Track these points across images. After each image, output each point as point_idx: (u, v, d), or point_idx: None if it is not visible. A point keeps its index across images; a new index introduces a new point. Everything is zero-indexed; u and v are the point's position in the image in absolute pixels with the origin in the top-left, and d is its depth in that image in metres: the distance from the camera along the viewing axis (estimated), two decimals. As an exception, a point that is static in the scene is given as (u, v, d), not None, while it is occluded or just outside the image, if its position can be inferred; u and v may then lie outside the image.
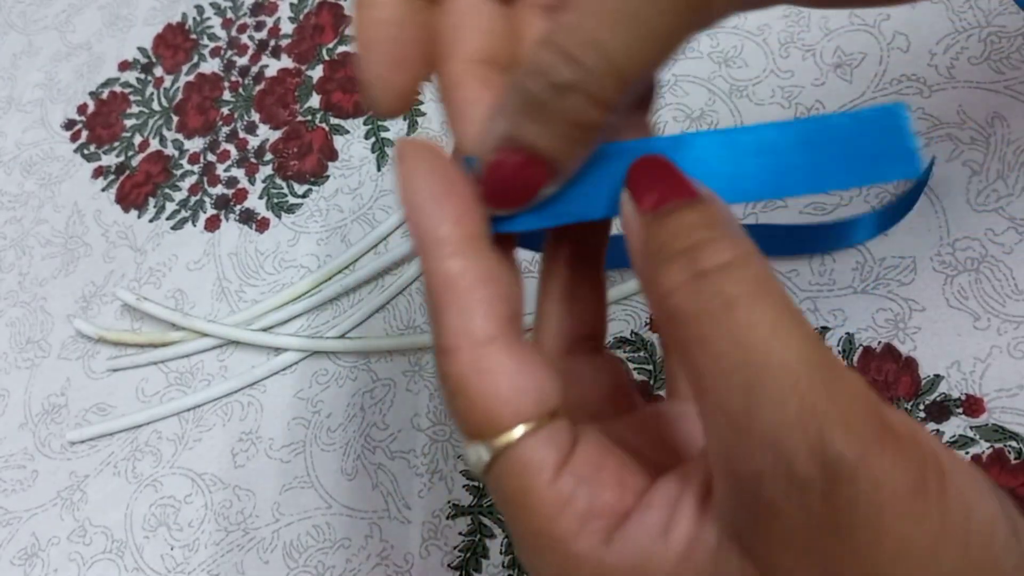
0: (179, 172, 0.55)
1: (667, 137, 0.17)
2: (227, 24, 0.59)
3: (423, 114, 0.50)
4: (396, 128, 0.50)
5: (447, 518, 0.40)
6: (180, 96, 0.58)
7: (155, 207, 0.55)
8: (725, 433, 0.14)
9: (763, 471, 0.13)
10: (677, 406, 0.20)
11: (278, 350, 0.46)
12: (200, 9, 0.60)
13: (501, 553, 0.39)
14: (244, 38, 0.58)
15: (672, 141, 0.17)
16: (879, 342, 0.36)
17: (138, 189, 0.56)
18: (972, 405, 0.34)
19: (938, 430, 0.34)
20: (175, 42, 0.60)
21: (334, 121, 0.52)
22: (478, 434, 0.16)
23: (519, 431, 0.16)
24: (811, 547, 0.13)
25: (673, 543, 0.15)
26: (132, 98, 0.60)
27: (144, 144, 0.58)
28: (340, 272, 0.47)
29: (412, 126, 0.50)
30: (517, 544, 0.17)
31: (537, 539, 0.16)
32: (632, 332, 0.40)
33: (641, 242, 0.16)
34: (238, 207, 0.52)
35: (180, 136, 0.57)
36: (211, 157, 0.55)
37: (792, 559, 0.14)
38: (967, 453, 0.33)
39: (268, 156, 0.53)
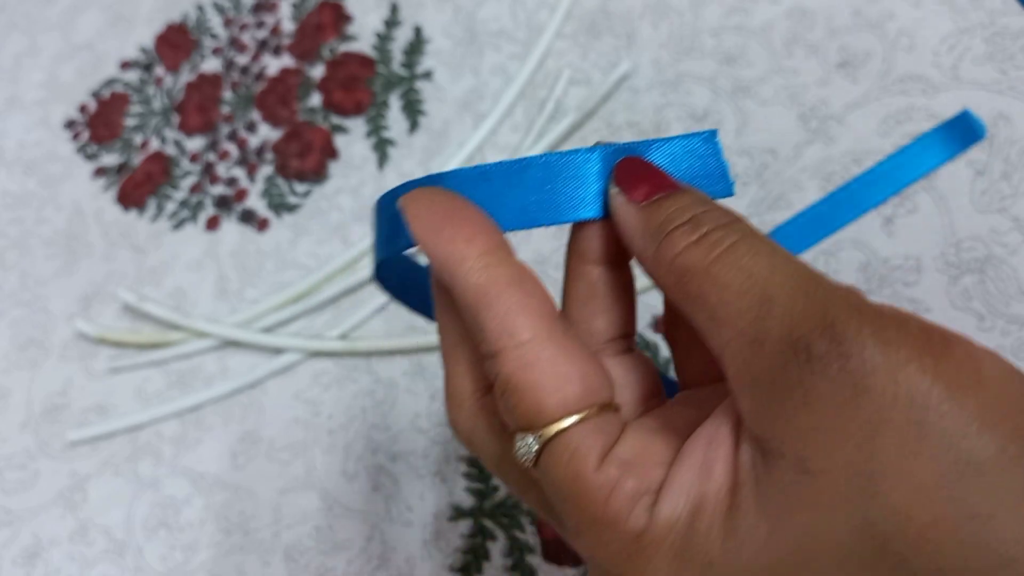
0: (180, 172, 0.55)
1: (523, 160, 0.19)
2: (228, 23, 0.59)
3: (424, 113, 0.49)
4: (397, 127, 0.50)
5: (448, 520, 0.40)
6: (181, 95, 0.58)
7: (156, 207, 0.55)
8: (744, 350, 0.15)
9: (785, 362, 0.15)
10: (696, 392, 0.21)
11: (279, 351, 0.46)
12: (201, 9, 0.60)
13: (502, 555, 0.39)
14: (245, 37, 0.58)
15: (526, 162, 0.19)
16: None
17: (139, 189, 0.56)
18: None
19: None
20: (176, 41, 0.60)
21: (335, 120, 0.52)
22: (527, 425, 0.17)
23: (567, 421, 0.17)
24: (837, 420, 0.14)
25: (716, 477, 0.16)
26: (133, 98, 0.60)
27: (145, 144, 0.57)
28: (341, 272, 0.47)
29: (414, 126, 0.49)
30: (572, 532, 0.17)
31: (593, 524, 0.17)
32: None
33: (639, 226, 0.18)
34: (239, 207, 0.52)
35: (181, 135, 0.56)
36: (212, 156, 0.55)
37: (823, 438, 0.14)
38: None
39: (269, 155, 0.53)
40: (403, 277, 0.24)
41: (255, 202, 0.52)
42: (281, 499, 0.43)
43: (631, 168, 0.19)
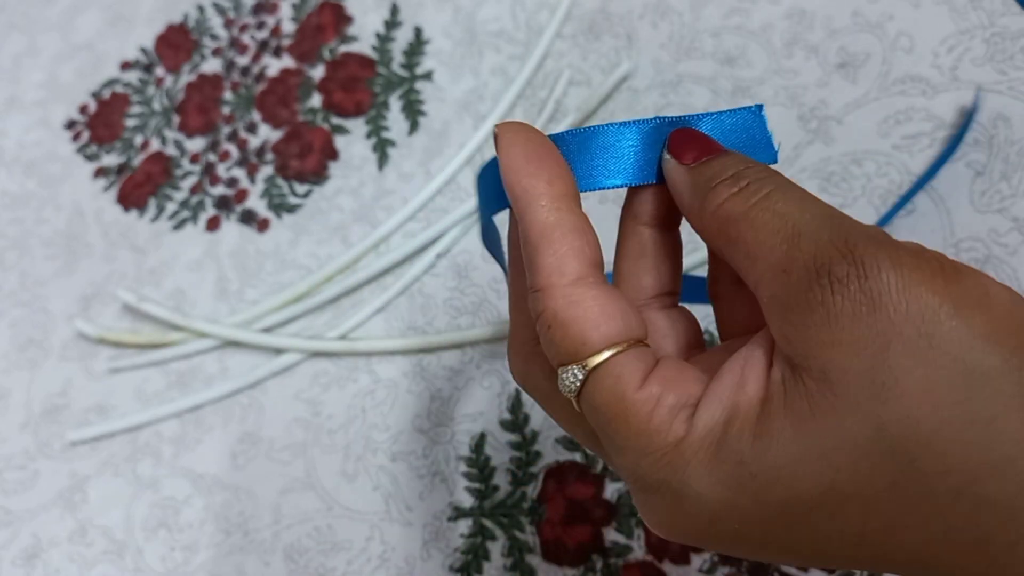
0: (180, 172, 0.55)
1: (590, 128, 0.22)
2: (228, 24, 0.59)
3: (424, 114, 0.49)
4: (397, 128, 0.50)
5: (448, 520, 0.40)
6: (181, 96, 0.58)
7: (156, 207, 0.55)
8: (776, 279, 0.17)
9: (811, 285, 0.16)
10: (733, 343, 0.22)
11: (279, 351, 0.46)
12: (201, 9, 0.60)
13: (502, 555, 0.39)
14: (245, 38, 0.58)
15: (593, 130, 0.22)
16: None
17: (139, 189, 0.56)
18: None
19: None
20: (176, 42, 0.60)
21: (335, 121, 0.52)
22: (572, 358, 0.19)
23: (608, 352, 0.18)
24: (855, 334, 0.16)
25: (749, 390, 0.18)
26: (133, 98, 0.60)
27: (145, 144, 0.57)
28: (341, 272, 0.47)
29: (414, 126, 0.49)
30: (617, 450, 0.19)
31: (638, 437, 0.18)
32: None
33: (688, 184, 0.20)
34: (239, 207, 0.52)
35: (181, 136, 0.56)
36: (212, 157, 0.55)
37: (842, 350, 0.16)
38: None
39: (269, 156, 0.53)
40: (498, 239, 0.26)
41: (255, 203, 0.52)
42: (281, 499, 0.43)
43: (682, 137, 0.21)
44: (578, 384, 0.19)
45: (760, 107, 0.22)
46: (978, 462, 0.15)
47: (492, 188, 0.22)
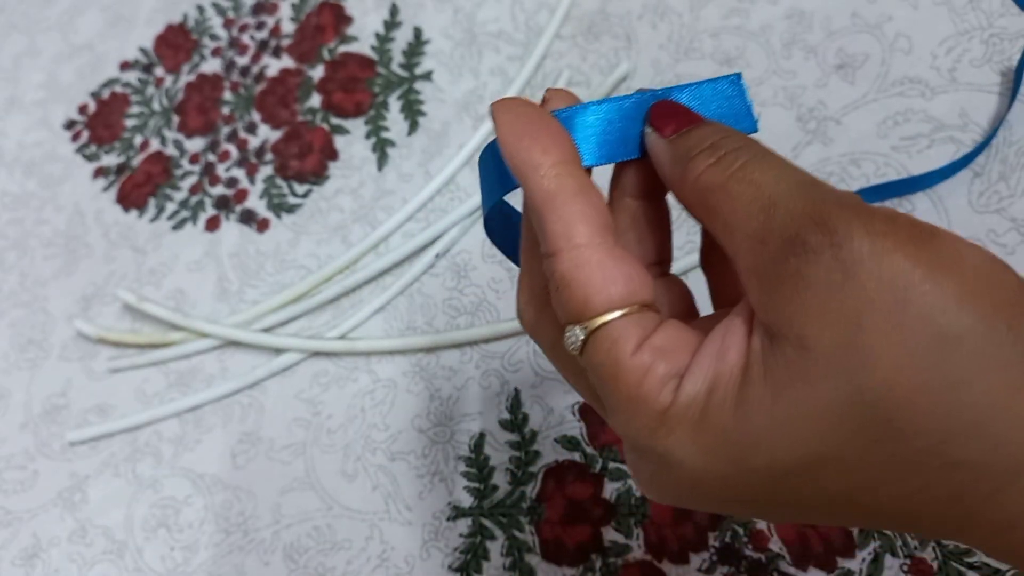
0: (180, 172, 0.55)
1: (571, 108, 0.22)
2: (228, 24, 0.59)
3: (424, 114, 0.50)
4: (397, 128, 0.50)
5: (448, 520, 0.40)
6: (181, 96, 0.58)
7: (156, 207, 0.55)
8: (753, 249, 0.18)
9: (786, 255, 0.17)
10: (726, 311, 0.23)
11: (278, 351, 0.46)
12: (201, 9, 0.60)
13: (502, 555, 0.39)
14: (245, 38, 0.58)
15: (575, 110, 0.22)
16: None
17: (139, 189, 0.56)
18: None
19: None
20: (176, 42, 0.60)
21: (335, 121, 0.52)
22: (576, 318, 0.19)
23: (609, 316, 0.19)
24: (830, 302, 0.16)
25: (730, 359, 0.18)
26: (133, 98, 0.60)
27: (145, 144, 0.57)
28: (340, 273, 0.47)
29: (413, 127, 0.50)
30: (610, 410, 0.20)
31: (627, 402, 0.19)
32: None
33: (668, 156, 0.20)
34: (238, 207, 0.52)
35: (181, 136, 0.57)
36: (212, 157, 0.55)
37: (818, 318, 0.16)
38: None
39: (269, 156, 0.53)
40: (505, 226, 0.26)
41: (255, 203, 0.52)
42: (281, 499, 0.43)
43: (662, 109, 0.21)
44: (579, 344, 0.20)
45: (739, 76, 0.22)
46: (950, 424, 0.15)
47: (493, 169, 0.22)
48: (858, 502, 0.17)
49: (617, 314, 0.19)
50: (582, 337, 0.19)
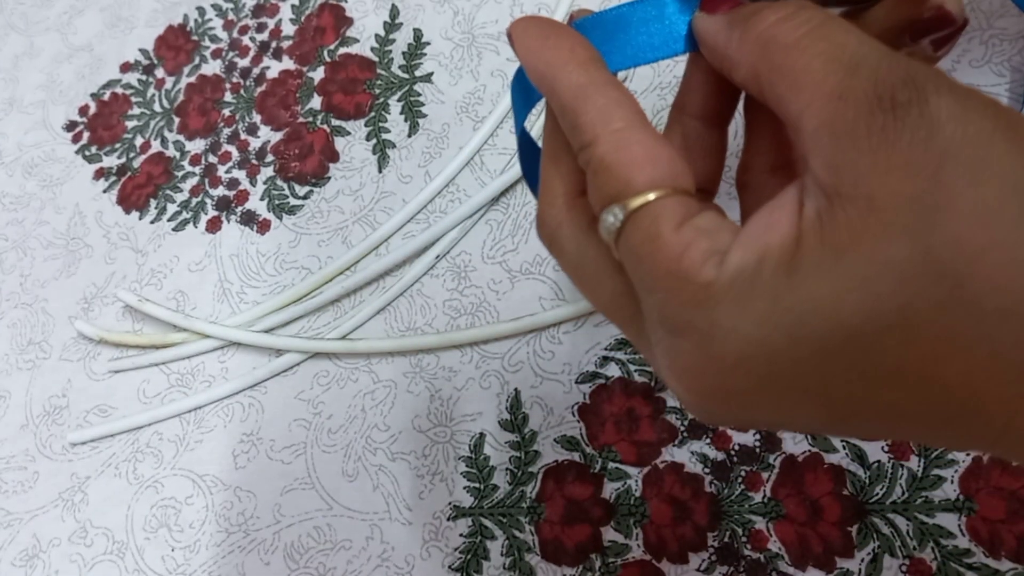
0: (180, 173, 0.55)
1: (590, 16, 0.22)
2: (228, 26, 0.59)
3: (423, 116, 0.50)
4: (397, 129, 0.50)
5: (448, 519, 0.40)
6: (181, 97, 0.58)
7: (156, 208, 0.55)
8: (828, 107, 0.17)
9: (870, 111, 0.16)
10: None
11: (279, 351, 0.47)
12: (201, 11, 0.61)
13: (502, 555, 0.39)
14: (245, 39, 0.58)
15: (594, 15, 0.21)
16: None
17: (139, 190, 0.56)
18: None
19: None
20: (176, 43, 0.60)
21: (335, 122, 0.52)
22: (616, 197, 0.19)
23: (652, 195, 0.18)
24: (910, 157, 0.16)
25: (780, 230, 0.17)
26: (133, 99, 0.60)
27: (145, 145, 0.58)
28: (341, 274, 0.47)
29: (413, 128, 0.50)
30: (647, 289, 0.19)
31: (667, 277, 0.18)
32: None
33: (723, 22, 0.20)
34: (239, 208, 0.52)
35: (181, 137, 0.57)
36: (212, 158, 0.55)
37: (895, 175, 0.16)
38: (969, 454, 0.33)
39: (269, 157, 0.53)
40: (531, 157, 0.25)
41: (256, 204, 0.52)
42: (281, 499, 0.43)
43: None
44: (618, 224, 0.19)
45: None
46: None
47: (520, 92, 0.22)
48: (913, 380, 0.16)
49: (660, 192, 0.18)
50: (621, 217, 0.19)
